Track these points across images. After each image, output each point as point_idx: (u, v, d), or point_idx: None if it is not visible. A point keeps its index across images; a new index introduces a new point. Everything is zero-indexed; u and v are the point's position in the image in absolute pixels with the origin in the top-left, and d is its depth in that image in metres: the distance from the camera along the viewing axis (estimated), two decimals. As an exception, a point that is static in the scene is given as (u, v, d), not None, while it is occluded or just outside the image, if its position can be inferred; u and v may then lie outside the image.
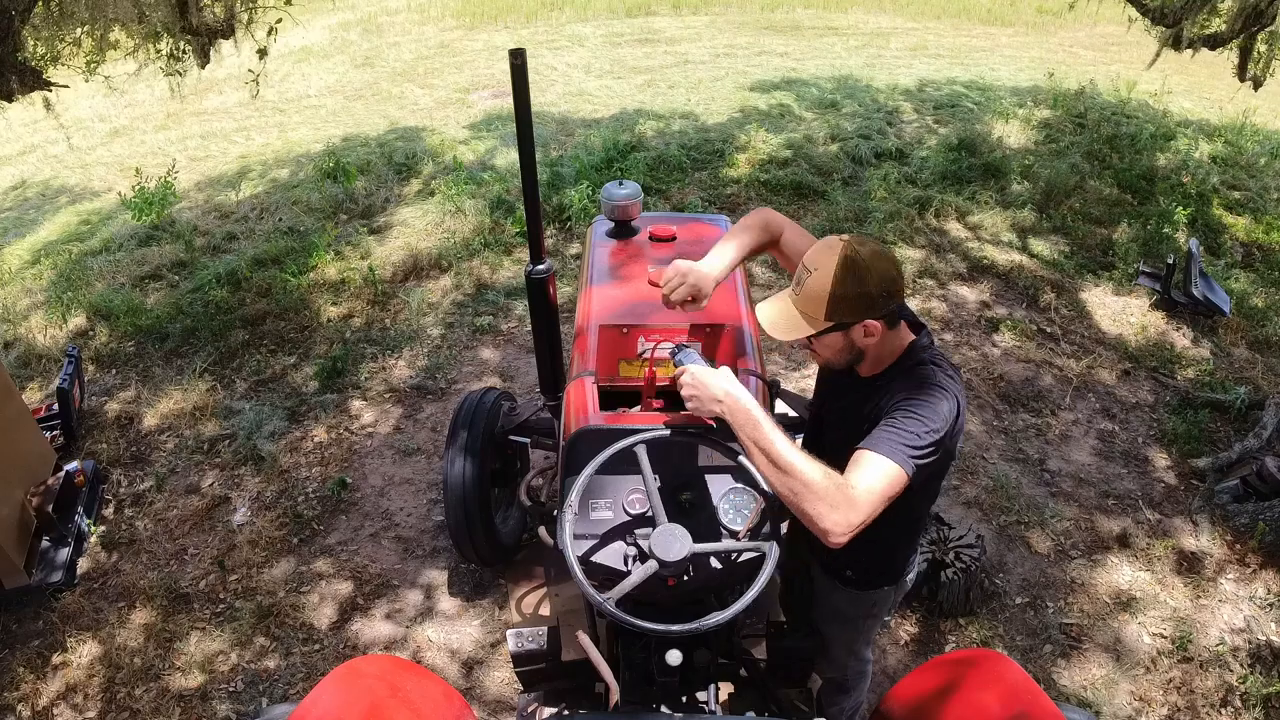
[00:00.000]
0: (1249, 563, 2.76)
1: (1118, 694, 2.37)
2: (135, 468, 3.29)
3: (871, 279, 1.42)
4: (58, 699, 2.43)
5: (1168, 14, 4.79)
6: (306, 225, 5.00)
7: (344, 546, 2.88)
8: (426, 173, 5.67)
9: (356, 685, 1.33)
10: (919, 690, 1.38)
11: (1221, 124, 6.40)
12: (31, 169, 6.69)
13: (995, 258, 4.54)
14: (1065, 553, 2.82)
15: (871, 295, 1.43)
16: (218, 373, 3.77)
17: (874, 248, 1.46)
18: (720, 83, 7.51)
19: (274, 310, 4.16)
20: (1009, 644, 2.52)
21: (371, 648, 2.53)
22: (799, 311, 1.47)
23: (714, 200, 5.13)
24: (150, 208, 5.11)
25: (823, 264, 1.43)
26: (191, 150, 6.62)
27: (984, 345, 3.86)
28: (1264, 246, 4.72)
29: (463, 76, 8.10)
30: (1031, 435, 3.34)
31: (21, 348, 4.02)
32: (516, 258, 4.59)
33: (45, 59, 3.83)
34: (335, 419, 3.46)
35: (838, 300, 1.42)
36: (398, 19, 10.74)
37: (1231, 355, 3.85)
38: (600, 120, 6.58)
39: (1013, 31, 10.19)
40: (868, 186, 5.25)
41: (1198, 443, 3.28)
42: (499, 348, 3.88)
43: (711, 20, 10.26)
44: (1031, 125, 6.12)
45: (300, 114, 7.35)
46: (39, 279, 4.67)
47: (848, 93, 7.05)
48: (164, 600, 2.69)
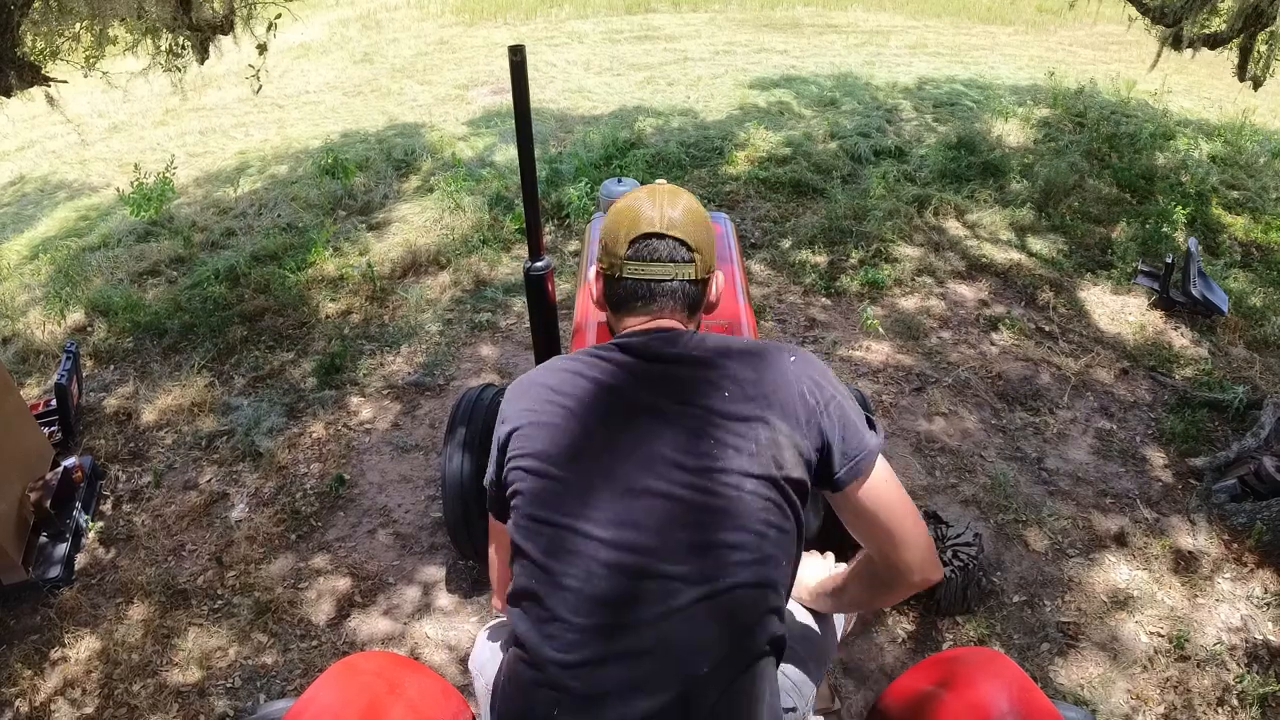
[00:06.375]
0: (1246, 562, 2.76)
1: (1114, 692, 2.38)
2: (133, 464, 3.29)
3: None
4: (55, 694, 2.43)
5: (1168, 13, 4.79)
6: (305, 221, 5.00)
7: (342, 543, 2.88)
8: (425, 169, 5.66)
9: (354, 681, 1.33)
10: (916, 688, 1.38)
11: (1221, 124, 6.39)
12: (30, 164, 6.68)
13: (994, 256, 4.54)
14: (1063, 551, 2.83)
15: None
16: (216, 369, 3.77)
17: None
18: (719, 80, 7.50)
19: (272, 306, 4.16)
20: (1006, 642, 2.52)
21: (369, 644, 2.54)
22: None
23: (713, 198, 5.12)
24: (149, 203, 5.11)
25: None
26: (190, 146, 6.61)
27: (982, 344, 3.86)
28: (1263, 246, 4.72)
29: (462, 73, 8.09)
30: (1029, 434, 3.34)
31: (20, 343, 4.01)
32: (515, 254, 4.59)
33: (44, 54, 3.82)
34: (333, 415, 3.46)
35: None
36: (397, 15, 10.73)
37: (1230, 355, 3.85)
38: (599, 117, 6.57)
39: (1012, 30, 10.19)
40: (867, 184, 5.25)
41: (1195, 442, 3.28)
42: (497, 344, 3.88)
43: (711, 17, 10.25)
44: (1031, 124, 6.12)
45: (299, 110, 7.34)
46: (37, 274, 4.66)
47: (847, 90, 7.04)
48: (162, 596, 2.69)
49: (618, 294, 1.29)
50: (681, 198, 1.30)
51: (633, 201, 1.30)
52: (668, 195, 1.30)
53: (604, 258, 1.31)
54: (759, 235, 4.74)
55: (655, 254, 1.25)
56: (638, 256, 1.26)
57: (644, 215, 1.26)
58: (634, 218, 1.27)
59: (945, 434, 3.31)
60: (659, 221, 1.25)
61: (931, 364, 3.72)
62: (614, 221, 1.30)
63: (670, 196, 1.29)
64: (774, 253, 4.55)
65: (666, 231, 1.25)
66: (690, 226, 1.27)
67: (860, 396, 2.61)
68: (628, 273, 1.26)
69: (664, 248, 1.25)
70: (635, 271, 1.26)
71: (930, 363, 3.73)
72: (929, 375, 3.64)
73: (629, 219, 1.27)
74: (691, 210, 1.29)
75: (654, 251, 1.25)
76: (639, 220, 1.26)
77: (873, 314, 3.96)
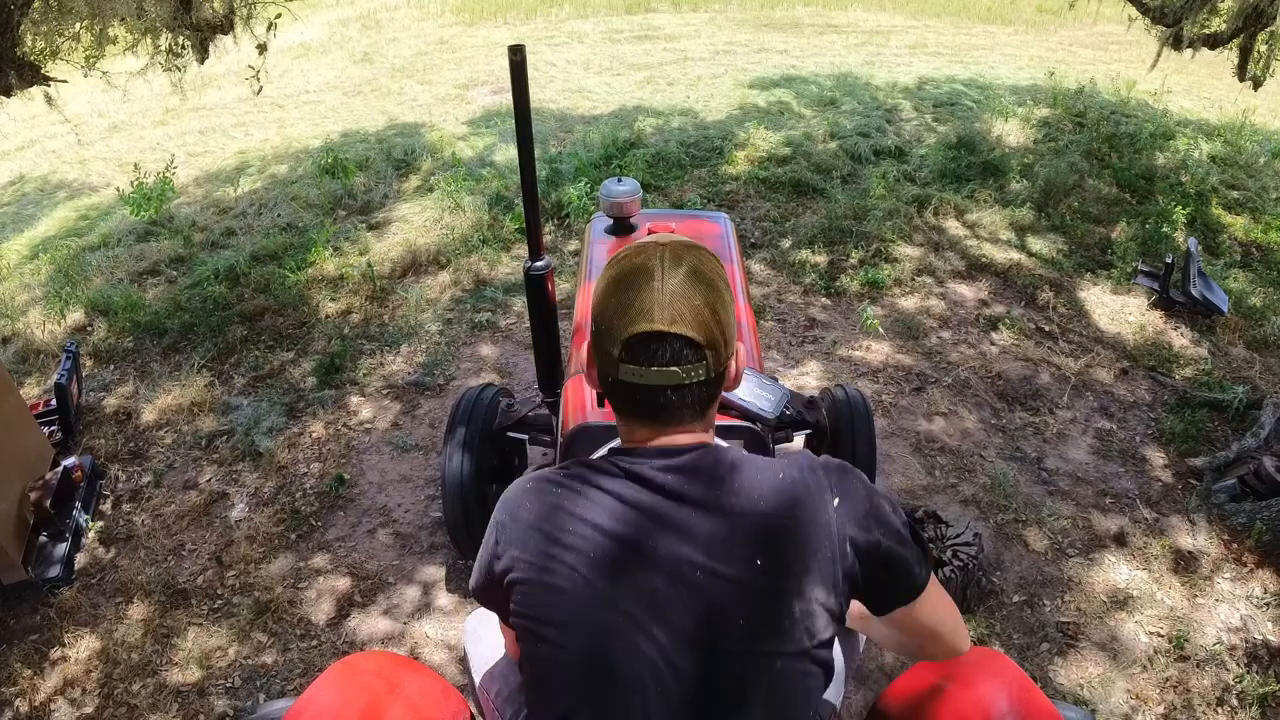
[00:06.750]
0: (1246, 562, 2.76)
1: (1114, 692, 2.38)
2: (133, 463, 3.29)
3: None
4: (55, 694, 2.43)
5: (1168, 13, 4.79)
6: (305, 221, 5.00)
7: (342, 542, 2.88)
8: (425, 169, 5.66)
9: (354, 681, 1.33)
10: (916, 687, 1.38)
11: (1221, 124, 6.39)
12: (29, 164, 6.68)
13: (994, 256, 4.54)
14: (1062, 551, 2.83)
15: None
16: (216, 368, 3.77)
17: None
18: (719, 80, 7.50)
19: (272, 306, 4.16)
20: (1006, 642, 2.52)
21: (369, 644, 2.54)
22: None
23: (713, 197, 5.13)
24: (149, 203, 5.10)
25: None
26: (190, 146, 6.61)
27: (982, 343, 3.87)
28: (1262, 246, 4.72)
29: (462, 73, 8.09)
30: (1029, 433, 3.34)
31: (20, 343, 4.01)
32: (515, 254, 4.59)
33: (44, 54, 3.82)
34: (333, 415, 3.46)
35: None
36: (397, 15, 10.73)
37: (1229, 355, 3.85)
38: (599, 117, 6.57)
39: (1012, 30, 10.19)
40: (867, 184, 5.25)
41: (1195, 442, 3.28)
42: (497, 344, 3.88)
43: (711, 17, 10.25)
44: (1031, 124, 6.12)
45: (299, 110, 7.34)
46: (37, 274, 4.66)
47: (847, 90, 7.04)
48: (161, 596, 2.69)
49: (615, 399, 1.09)
50: (683, 264, 1.04)
51: (623, 274, 1.05)
52: (667, 262, 1.04)
53: (596, 347, 1.08)
54: (759, 235, 4.74)
55: (655, 358, 1.02)
56: (634, 360, 1.02)
57: (637, 304, 1.02)
58: (624, 305, 1.03)
59: (945, 434, 3.31)
60: (657, 313, 1.01)
61: (931, 364, 3.72)
62: (603, 301, 1.06)
63: (670, 262, 1.04)
64: (774, 252, 4.55)
65: (668, 329, 1.01)
66: (698, 311, 1.02)
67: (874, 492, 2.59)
68: (624, 377, 1.04)
69: (665, 351, 1.02)
70: (633, 376, 1.03)
71: (930, 362, 3.73)
72: (929, 375, 3.64)
73: (619, 306, 1.03)
74: (698, 283, 1.04)
75: (654, 356, 1.02)
76: (631, 312, 1.02)
77: (872, 314, 3.96)
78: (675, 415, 1.05)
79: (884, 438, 3.25)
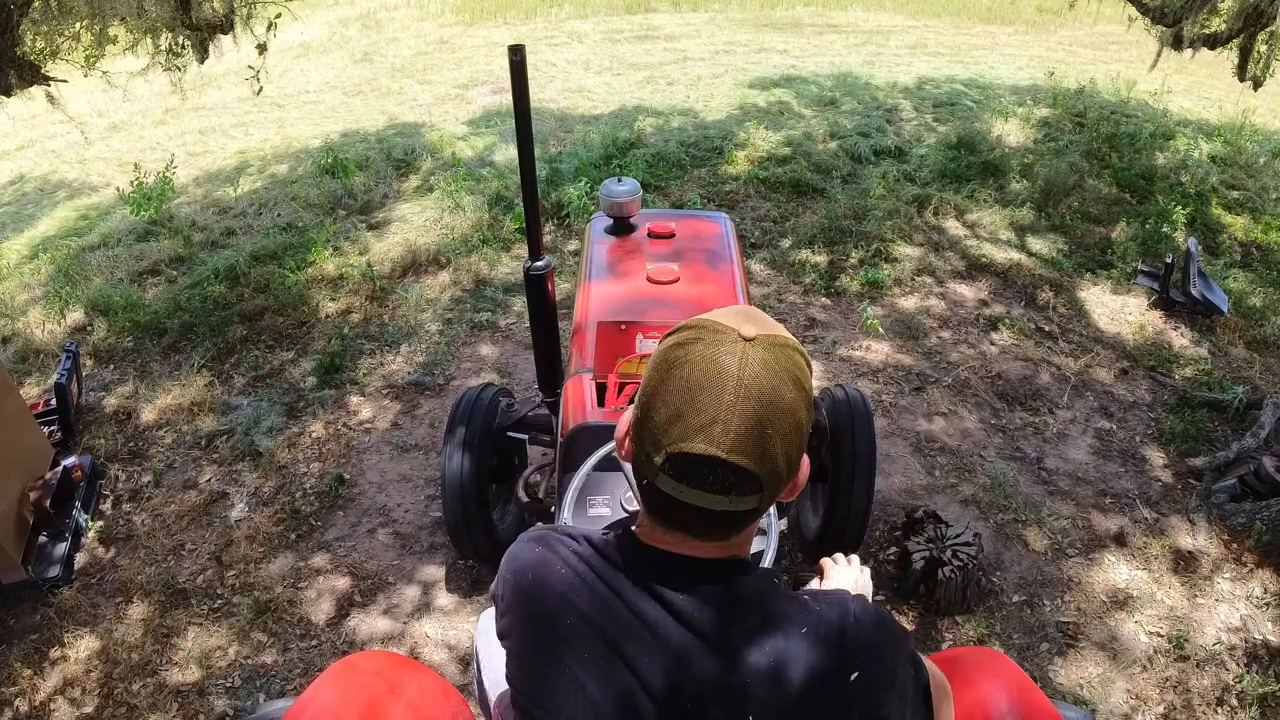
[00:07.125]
0: (1245, 562, 2.76)
1: (1114, 692, 2.38)
2: (133, 463, 3.29)
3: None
4: (55, 694, 2.43)
5: (1168, 13, 4.79)
6: (305, 221, 5.00)
7: (341, 542, 2.88)
8: (425, 169, 5.66)
9: (354, 681, 1.33)
10: (916, 688, 1.38)
11: (1221, 124, 6.39)
12: (30, 164, 6.68)
13: (993, 256, 4.54)
14: (1062, 551, 2.83)
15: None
16: (216, 368, 3.77)
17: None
18: (719, 80, 7.50)
19: (272, 306, 4.16)
20: (1006, 642, 2.52)
21: (369, 643, 2.54)
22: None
23: (713, 197, 5.13)
24: (149, 203, 5.10)
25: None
26: (190, 145, 6.60)
27: (982, 343, 3.87)
28: (1262, 246, 4.72)
29: (462, 72, 8.09)
30: (1029, 433, 3.34)
31: (20, 343, 4.01)
32: (515, 254, 4.59)
33: (44, 53, 3.82)
34: (333, 415, 3.46)
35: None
36: (397, 15, 10.72)
37: (1229, 355, 3.85)
38: (599, 117, 6.57)
39: (1012, 30, 10.18)
40: (867, 184, 5.25)
41: (1195, 442, 3.28)
42: (497, 344, 3.88)
43: (711, 17, 10.24)
44: (1031, 124, 6.11)
45: (299, 109, 7.34)
46: (37, 274, 4.66)
47: (847, 90, 7.04)
48: (161, 596, 2.69)
49: (646, 498, 0.94)
50: (768, 376, 0.83)
51: (690, 366, 0.84)
52: (749, 371, 0.83)
53: (636, 437, 0.91)
54: (759, 235, 4.74)
55: (703, 483, 0.85)
56: (678, 478, 0.85)
57: (696, 416, 0.82)
58: (680, 410, 0.83)
59: (945, 434, 3.31)
60: (719, 434, 0.82)
61: (931, 364, 3.72)
62: (657, 388, 0.86)
63: (751, 370, 0.83)
64: (774, 252, 4.55)
65: (727, 457, 0.82)
66: (767, 443, 0.83)
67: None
68: (661, 486, 0.88)
69: (716, 480, 0.84)
70: (672, 490, 0.87)
71: (930, 362, 3.73)
72: (929, 375, 3.64)
73: (674, 408, 0.84)
74: (778, 408, 0.83)
75: (702, 481, 0.85)
76: (686, 423, 0.83)
77: (872, 314, 3.96)
78: (708, 534, 0.92)
79: (884, 438, 3.25)
